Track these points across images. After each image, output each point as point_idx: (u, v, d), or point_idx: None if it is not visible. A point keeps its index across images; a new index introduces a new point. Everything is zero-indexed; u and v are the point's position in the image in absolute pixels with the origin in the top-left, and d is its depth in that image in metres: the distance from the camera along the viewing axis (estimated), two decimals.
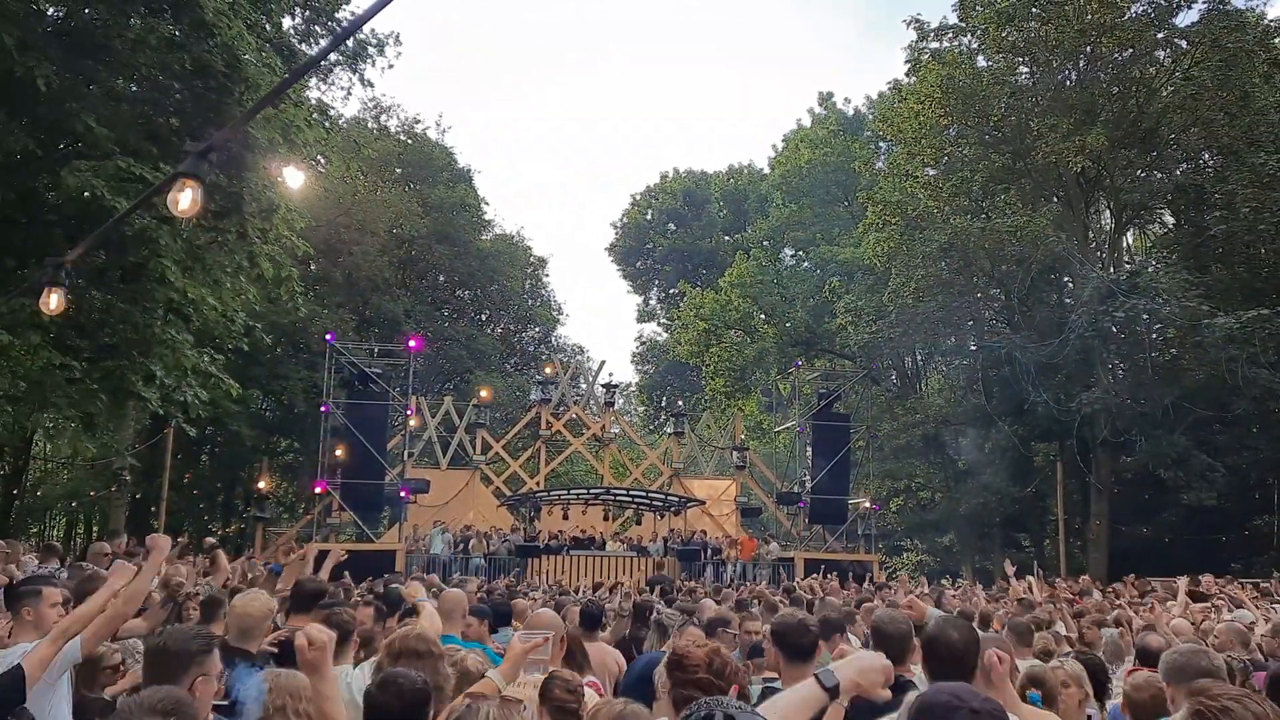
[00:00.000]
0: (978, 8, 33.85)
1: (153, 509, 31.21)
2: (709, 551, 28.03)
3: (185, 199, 6.05)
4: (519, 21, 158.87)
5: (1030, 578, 14.54)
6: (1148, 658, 5.77)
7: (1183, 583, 13.31)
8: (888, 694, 2.64)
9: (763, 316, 46.67)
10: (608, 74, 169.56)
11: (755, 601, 10.32)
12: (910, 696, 2.83)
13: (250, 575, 10.15)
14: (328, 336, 28.88)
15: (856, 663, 2.66)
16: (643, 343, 68.46)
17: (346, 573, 12.52)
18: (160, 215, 13.87)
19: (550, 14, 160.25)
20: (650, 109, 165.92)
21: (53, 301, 8.66)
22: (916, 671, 3.92)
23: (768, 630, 4.38)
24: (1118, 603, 10.50)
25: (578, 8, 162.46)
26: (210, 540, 15.27)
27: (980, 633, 3.93)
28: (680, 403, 43.10)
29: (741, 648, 6.32)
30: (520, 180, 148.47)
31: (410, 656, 3.74)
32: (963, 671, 3.46)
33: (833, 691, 2.57)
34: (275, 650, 4.83)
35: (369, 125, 45.56)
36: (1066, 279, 35.28)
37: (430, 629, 5.47)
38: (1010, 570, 13.35)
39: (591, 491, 32.59)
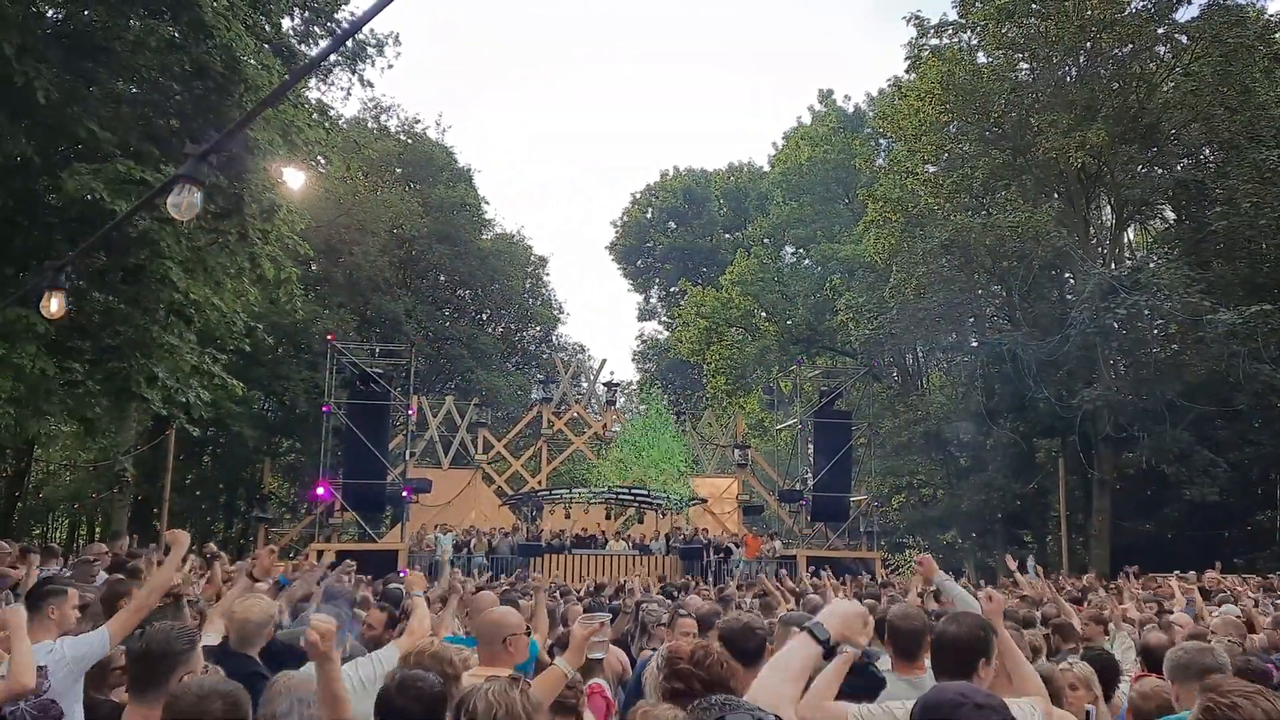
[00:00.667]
0: (977, 4, 33.85)
1: (155, 510, 31.22)
2: (713, 550, 28.01)
3: (185, 202, 6.05)
4: (526, 16, 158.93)
5: (1028, 575, 14.51)
6: (1150, 657, 5.73)
7: (1176, 582, 13.31)
8: (865, 640, 2.74)
9: (764, 314, 46.68)
10: (614, 69, 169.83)
11: (757, 598, 10.31)
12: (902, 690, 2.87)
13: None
14: (329, 337, 28.89)
15: (835, 613, 2.72)
16: (644, 341, 68.52)
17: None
18: (162, 216, 13.85)
19: (558, 8, 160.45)
20: (653, 105, 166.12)
21: (53, 305, 8.67)
22: (929, 666, 3.93)
23: (717, 634, 4.40)
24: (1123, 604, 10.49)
25: (585, 3, 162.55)
26: (211, 546, 15.34)
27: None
28: (682, 401, 43.09)
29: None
30: (523, 179, 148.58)
31: None
32: (967, 666, 3.46)
33: (825, 643, 2.64)
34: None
35: (369, 125, 45.55)
36: (1068, 275, 35.28)
37: (420, 628, 5.50)
38: (1013, 565, 13.33)
39: (593, 490, 32.58)
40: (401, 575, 7.00)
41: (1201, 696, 2.55)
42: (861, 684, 3.24)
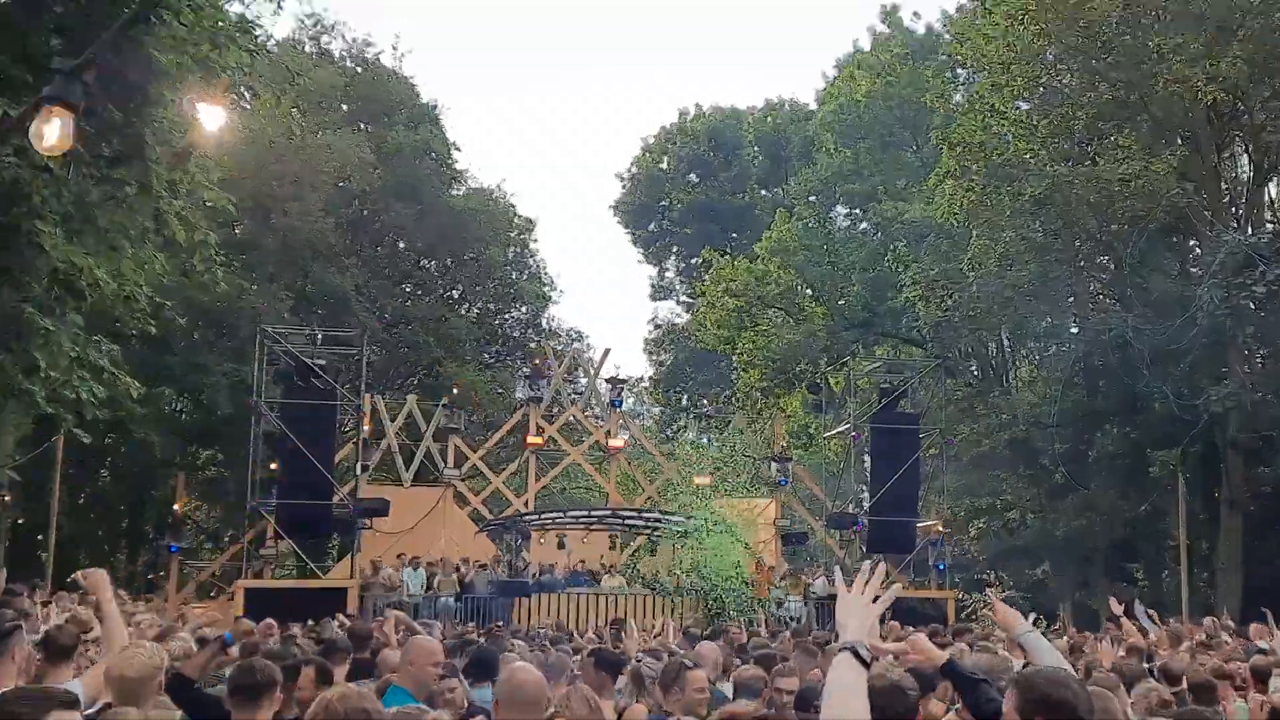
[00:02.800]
0: None
1: (39, 537, 31.29)
2: None
3: (53, 131, 5.95)
4: None
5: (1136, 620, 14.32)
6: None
7: None
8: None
9: (809, 292, 46.54)
10: None
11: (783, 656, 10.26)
12: None
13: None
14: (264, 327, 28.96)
15: (853, 612, 3.14)
16: (658, 326, 68.55)
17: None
18: (36, 164, 13.74)
19: None
20: (662, 26, 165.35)
21: None
22: None
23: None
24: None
25: None
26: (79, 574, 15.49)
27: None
28: (705, 402, 43.09)
29: (776, 707, 6.41)
30: (500, 121, 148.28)
31: None
32: None
33: (868, 663, 3.03)
34: None
35: (306, 49, 45.52)
36: (1193, 242, 35.09)
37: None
38: (1118, 608, 13.15)
39: (594, 514, 32.60)
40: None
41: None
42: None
